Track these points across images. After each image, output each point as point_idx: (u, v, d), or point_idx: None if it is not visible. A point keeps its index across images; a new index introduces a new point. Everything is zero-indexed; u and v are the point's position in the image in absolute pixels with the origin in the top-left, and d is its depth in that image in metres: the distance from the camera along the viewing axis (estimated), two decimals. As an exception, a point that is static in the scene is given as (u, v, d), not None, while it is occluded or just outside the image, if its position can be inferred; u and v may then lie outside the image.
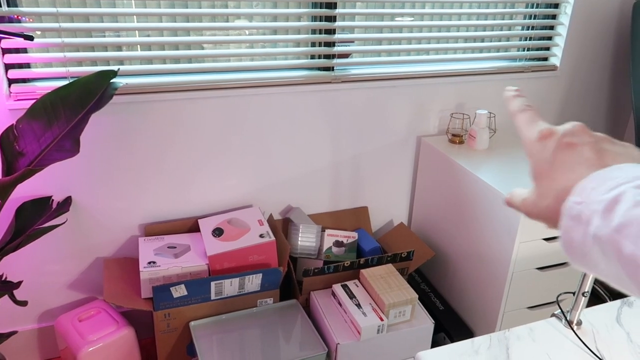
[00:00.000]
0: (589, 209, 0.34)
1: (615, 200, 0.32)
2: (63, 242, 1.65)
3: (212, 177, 1.76)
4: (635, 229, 0.31)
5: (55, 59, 1.50)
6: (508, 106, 0.45)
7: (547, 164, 0.39)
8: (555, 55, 2.12)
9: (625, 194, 0.32)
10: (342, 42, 1.81)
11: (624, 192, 0.32)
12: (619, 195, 0.33)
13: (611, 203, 0.33)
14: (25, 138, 1.30)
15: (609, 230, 0.32)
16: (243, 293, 1.57)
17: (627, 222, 0.31)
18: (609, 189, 0.33)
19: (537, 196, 0.40)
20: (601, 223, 0.33)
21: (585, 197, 0.34)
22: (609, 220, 0.32)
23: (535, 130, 0.41)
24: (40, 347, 1.76)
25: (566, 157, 0.38)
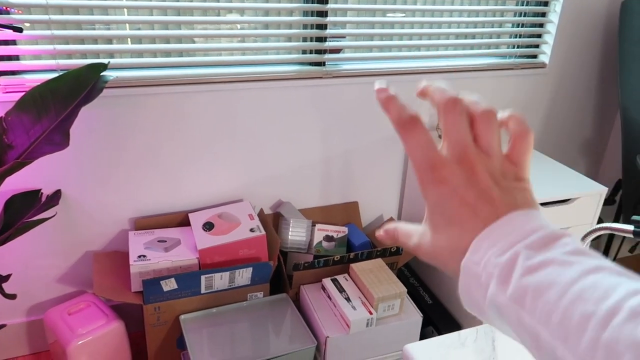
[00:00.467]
0: (486, 271, 0.33)
1: (510, 265, 0.32)
2: (52, 235, 1.65)
3: (203, 171, 1.76)
4: (529, 300, 0.30)
5: (45, 51, 1.49)
6: (386, 112, 0.40)
7: (443, 217, 0.37)
8: (545, 52, 2.14)
9: (518, 258, 0.32)
10: (334, 37, 1.82)
11: (517, 254, 0.32)
12: (513, 258, 0.32)
13: (506, 268, 0.32)
14: (15, 131, 1.29)
15: (505, 299, 0.31)
16: (233, 287, 1.58)
17: (521, 290, 0.31)
18: (504, 250, 0.32)
19: (433, 249, 0.37)
20: (497, 290, 0.32)
21: (481, 257, 0.33)
22: (504, 287, 0.31)
23: (423, 155, 0.37)
24: (29, 340, 1.75)
25: (462, 213, 0.35)
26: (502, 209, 0.35)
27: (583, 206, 1.59)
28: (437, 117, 0.37)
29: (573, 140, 2.40)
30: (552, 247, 0.32)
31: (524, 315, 0.30)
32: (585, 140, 2.42)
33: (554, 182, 1.63)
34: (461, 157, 0.36)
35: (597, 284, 0.29)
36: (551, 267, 0.31)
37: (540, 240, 0.32)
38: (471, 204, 0.35)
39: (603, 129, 2.43)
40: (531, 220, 0.34)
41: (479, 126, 0.38)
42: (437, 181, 0.36)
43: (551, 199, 1.54)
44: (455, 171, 0.36)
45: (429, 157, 0.37)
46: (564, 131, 2.35)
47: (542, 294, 0.30)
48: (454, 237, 0.36)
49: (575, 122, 2.35)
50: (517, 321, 0.31)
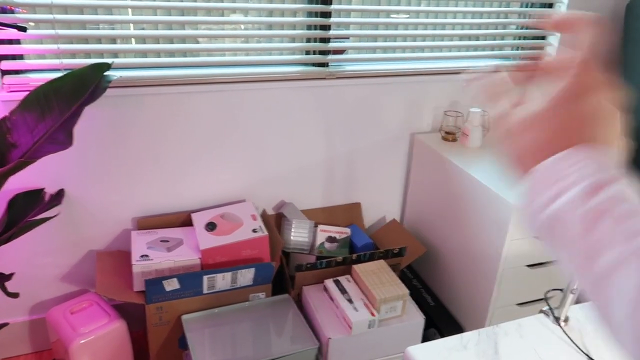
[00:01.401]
0: (579, 174, 0.37)
1: (601, 185, 0.36)
2: (55, 234, 1.65)
3: (206, 172, 1.76)
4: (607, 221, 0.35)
5: (49, 50, 1.49)
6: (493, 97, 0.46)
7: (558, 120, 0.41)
8: (549, 55, 2.14)
9: (564, 209, 0.36)
10: (337, 38, 1.81)
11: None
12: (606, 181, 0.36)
13: (597, 185, 0.36)
14: (19, 130, 1.30)
15: (582, 210, 0.36)
16: (235, 287, 1.58)
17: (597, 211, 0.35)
18: (600, 168, 0.37)
19: (543, 122, 0.41)
20: (579, 199, 0.36)
21: (578, 161, 0.38)
22: (587, 199, 0.36)
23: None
24: (31, 339, 1.75)
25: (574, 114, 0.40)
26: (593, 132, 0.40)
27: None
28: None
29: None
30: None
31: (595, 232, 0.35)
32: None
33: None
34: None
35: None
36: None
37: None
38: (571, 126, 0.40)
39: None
40: (602, 154, 0.38)
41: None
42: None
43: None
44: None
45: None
46: (568, 133, 2.34)
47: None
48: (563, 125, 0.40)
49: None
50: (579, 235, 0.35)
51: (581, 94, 0.40)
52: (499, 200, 1.53)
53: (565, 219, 0.36)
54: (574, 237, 0.35)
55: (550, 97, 0.40)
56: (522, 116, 0.42)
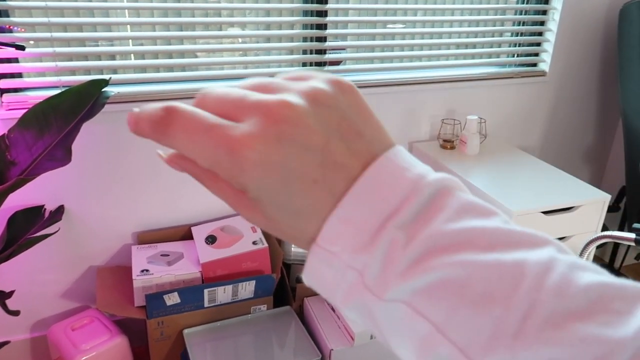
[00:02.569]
0: (347, 265, 0.24)
1: (382, 260, 0.24)
2: (56, 251, 1.65)
3: (205, 185, 1.76)
4: (421, 306, 0.23)
5: (48, 68, 1.50)
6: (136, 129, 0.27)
7: (267, 191, 0.25)
8: (544, 61, 2.15)
9: (392, 247, 0.24)
10: (334, 49, 1.83)
11: (391, 242, 0.24)
12: (385, 249, 0.24)
13: (375, 265, 0.24)
14: (17, 147, 1.30)
15: (380, 304, 0.24)
16: (236, 300, 1.58)
17: (408, 298, 0.24)
18: (367, 238, 0.24)
19: (271, 216, 0.26)
20: (367, 296, 0.24)
21: (337, 246, 0.24)
22: (378, 292, 0.24)
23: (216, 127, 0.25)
24: (33, 356, 1.75)
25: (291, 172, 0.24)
26: (354, 163, 0.25)
27: (587, 214, 1.58)
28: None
29: (575, 148, 2.39)
30: (433, 219, 0.24)
31: (414, 316, 0.23)
32: (587, 147, 2.42)
33: (556, 190, 1.62)
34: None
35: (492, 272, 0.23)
36: (442, 258, 0.23)
37: (417, 211, 0.24)
38: (308, 171, 0.24)
39: (605, 136, 2.43)
40: (397, 175, 0.24)
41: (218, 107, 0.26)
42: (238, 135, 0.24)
43: (554, 207, 1.54)
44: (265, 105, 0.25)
45: (219, 136, 0.24)
46: (566, 139, 2.34)
47: (438, 299, 0.23)
48: (297, 218, 0.25)
49: (577, 129, 2.35)
50: (402, 323, 0.24)
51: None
52: (497, 206, 1.53)
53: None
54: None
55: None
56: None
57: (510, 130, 2.19)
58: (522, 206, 1.50)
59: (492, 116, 2.12)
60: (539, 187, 1.64)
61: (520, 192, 1.59)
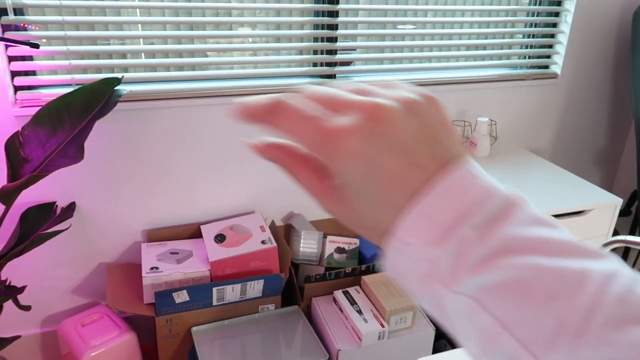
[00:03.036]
0: (423, 257, 0.26)
1: (456, 255, 0.25)
2: (67, 247, 1.67)
3: (215, 184, 1.78)
4: (488, 302, 0.25)
5: (61, 66, 1.52)
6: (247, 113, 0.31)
7: (360, 169, 0.28)
8: (556, 63, 2.14)
9: (466, 245, 0.25)
10: (344, 50, 1.83)
11: (464, 239, 0.25)
12: (458, 246, 0.25)
13: (450, 260, 0.25)
14: (31, 144, 1.32)
15: (452, 295, 0.26)
16: (245, 299, 1.58)
17: (476, 293, 0.25)
18: (441, 233, 0.26)
19: (346, 202, 0.28)
20: (440, 287, 0.26)
21: (414, 239, 0.26)
22: (451, 284, 0.26)
23: (321, 121, 0.28)
24: (43, 351, 1.76)
25: (383, 158, 0.27)
26: (438, 157, 0.27)
27: (598, 218, 1.57)
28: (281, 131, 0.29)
29: (586, 151, 2.37)
30: (505, 224, 0.26)
31: (480, 311, 0.25)
32: (599, 150, 2.40)
33: (567, 193, 1.61)
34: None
35: (563, 275, 0.24)
36: (511, 258, 0.25)
37: (490, 215, 0.26)
38: (398, 152, 0.27)
39: (617, 139, 2.41)
40: (472, 182, 0.27)
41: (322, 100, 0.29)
42: (338, 130, 0.27)
43: (565, 210, 1.53)
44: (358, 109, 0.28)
45: (320, 125, 0.27)
46: (577, 142, 2.33)
47: (504, 296, 0.24)
48: (375, 208, 0.28)
49: (589, 132, 2.33)
50: (468, 316, 0.25)
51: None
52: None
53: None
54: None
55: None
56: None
57: (520, 132, 2.18)
58: (532, 209, 1.50)
59: (502, 118, 2.11)
60: (549, 190, 1.63)
61: (530, 195, 1.58)
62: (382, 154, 0.27)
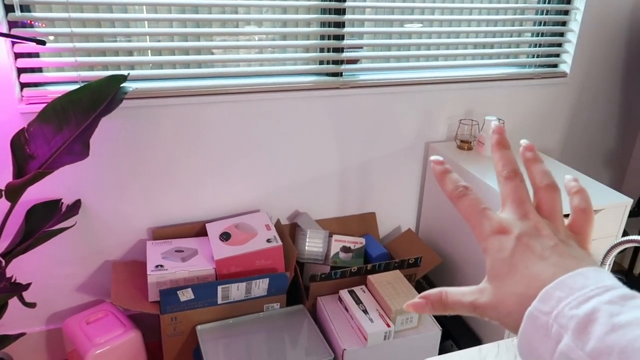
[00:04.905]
0: (558, 323, 0.30)
1: (589, 319, 0.29)
2: (72, 244, 1.67)
3: (220, 182, 1.77)
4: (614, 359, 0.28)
5: (67, 63, 1.51)
6: (441, 185, 0.41)
7: (506, 264, 0.35)
8: (565, 62, 2.11)
9: (599, 313, 0.29)
10: (351, 47, 1.82)
11: (597, 309, 0.29)
12: (593, 312, 0.29)
13: (584, 322, 0.29)
14: (36, 141, 1.32)
15: (582, 354, 0.29)
16: (250, 297, 1.57)
17: (604, 349, 0.28)
18: (580, 302, 0.30)
19: (496, 298, 0.35)
20: (573, 344, 0.29)
21: (552, 307, 0.31)
22: (582, 342, 0.29)
23: (487, 224, 0.37)
24: (48, 348, 1.77)
25: (527, 259, 0.34)
26: (571, 261, 0.34)
27: (607, 218, 1.55)
28: (497, 184, 0.41)
29: (596, 151, 2.35)
30: (635, 307, 0.29)
31: None
32: (608, 150, 2.37)
33: (576, 193, 1.59)
34: (523, 214, 0.37)
35: None
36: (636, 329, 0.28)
37: (619, 297, 0.30)
38: (537, 251, 0.35)
39: (627, 139, 2.38)
40: (605, 276, 0.32)
41: (541, 195, 0.39)
42: (499, 231, 0.36)
43: (574, 210, 1.51)
44: (517, 223, 0.36)
45: (487, 215, 0.38)
46: (586, 141, 2.30)
47: (630, 357, 0.27)
48: (520, 284, 0.34)
49: (598, 132, 2.30)
50: None
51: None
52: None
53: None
54: None
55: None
56: (478, 305, 0.36)
57: (529, 131, 2.16)
58: (541, 209, 1.48)
59: (510, 117, 2.09)
60: (558, 189, 1.61)
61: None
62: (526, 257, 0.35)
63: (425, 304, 0.39)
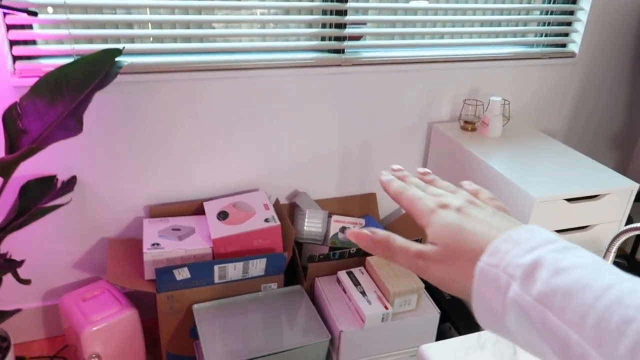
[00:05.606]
0: (507, 273, 0.32)
1: (535, 265, 0.31)
2: (67, 221, 1.65)
3: (219, 160, 1.74)
4: (559, 301, 0.29)
5: (60, 35, 1.47)
6: (386, 191, 0.43)
7: (453, 227, 0.37)
8: (574, 41, 2.06)
9: (544, 260, 0.31)
10: (354, 24, 1.76)
11: (542, 257, 0.31)
12: (538, 260, 0.31)
13: (530, 268, 0.31)
14: (29, 116, 1.28)
15: (529, 299, 0.30)
16: (247, 277, 1.56)
17: (550, 290, 0.29)
18: (525, 251, 0.32)
19: (443, 256, 0.37)
20: (521, 290, 0.31)
21: (500, 258, 0.32)
22: (529, 287, 0.30)
23: (429, 203, 0.40)
24: (45, 325, 1.76)
25: (471, 222, 0.37)
26: (511, 223, 0.36)
27: (612, 203, 1.52)
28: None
29: (602, 133, 2.31)
30: (576, 255, 0.31)
31: (551, 316, 0.29)
32: (615, 133, 2.33)
33: (581, 177, 1.56)
34: (454, 191, 0.42)
35: (635, 291, 0.28)
36: (583, 270, 0.30)
37: (562, 248, 0.32)
38: (480, 217, 0.37)
39: (634, 122, 2.33)
40: (547, 231, 0.34)
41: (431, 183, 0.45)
42: (441, 206, 0.39)
43: (579, 194, 1.48)
44: (454, 199, 0.40)
45: (427, 198, 0.41)
46: (593, 124, 2.26)
47: (574, 295, 0.29)
48: (470, 241, 0.35)
49: (605, 114, 2.26)
50: (542, 323, 0.30)
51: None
52: (519, 193, 1.48)
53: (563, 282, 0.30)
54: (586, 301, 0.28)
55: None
56: (425, 257, 0.38)
57: (534, 113, 2.12)
58: (545, 193, 1.45)
59: (516, 98, 2.04)
60: (563, 173, 1.58)
61: (543, 178, 1.53)
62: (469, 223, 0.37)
63: (370, 239, 0.41)
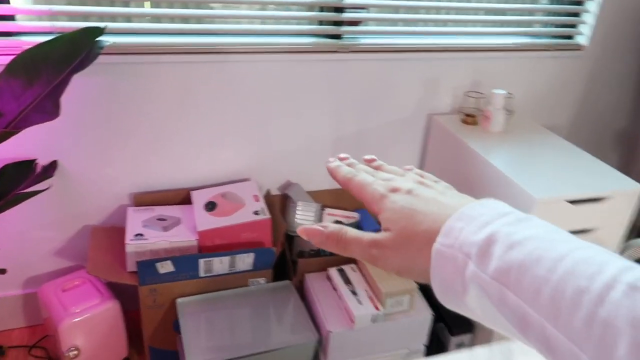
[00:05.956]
0: (463, 252, 0.31)
1: (489, 241, 0.30)
2: (49, 207, 1.58)
3: (208, 147, 1.67)
4: (514, 276, 0.28)
5: (39, 12, 1.38)
6: (335, 178, 0.43)
7: (406, 210, 0.36)
8: (582, 34, 1.98)
9: (498, 234, 0.30)
10: (354, 8, 1.68)
11: (496, 231, 0.30)
12: (492, 235, 0.30)
13: (485, 245, 0.30)
14: (3, 97, 1.21)
15: (485, 277, 0.29)
16: (234, 271, 1.50)
17: (504, 266, 0.29)
18: (479, 227, 0.31)
19: (398, 242, 0.35)
20: (477, 268, 0.30)
21: (455, 238, 0.32)
22: (484, 264, 0.30)
23: (379, 188, 0.38)
24: (25, 313, 1.71)
25: (424, 203, 0.36)
26: (464, 199, 0.36)
27: (616, 205, 1.46)
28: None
29: (608, 131, 2.24)
30: (530, 226, 0.31)
31: (508, 293, 0.28)
32: (621, 131, 2.26)
33: (585, 177, 1.49)
34: (402, 174, 0.42)
35: (588, 259, 0.27)
36: (536, 242, 0.29)
37: (516, 220, 0.31)
38: (431, 196, 0.36)
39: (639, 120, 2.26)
40: (501, 204, 0.33)
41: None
42: (391, 190, 0.37)
43: (582, 196, 1.41)
44: (404, 182, 0.39)
45: (377, 183, 0.39)
46: (599, 120, 2.19)
47: (528, 269, 0.28)
48: (423, 223, 0.34)
49: (610, 110, 2.19)
50: (501, 301, 0.29)
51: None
52: (520, 192, 1.41)
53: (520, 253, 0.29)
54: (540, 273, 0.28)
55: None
56: (379, 244, 0.37)
57: (538, 107, 2.05)
58: (547, 193, 1.38)
59: (520, 91, 1.96)
60: (566, 172, 1.51)
61: (545, 178, 1.47)
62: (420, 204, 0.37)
63: (321, 234, 0.39)
